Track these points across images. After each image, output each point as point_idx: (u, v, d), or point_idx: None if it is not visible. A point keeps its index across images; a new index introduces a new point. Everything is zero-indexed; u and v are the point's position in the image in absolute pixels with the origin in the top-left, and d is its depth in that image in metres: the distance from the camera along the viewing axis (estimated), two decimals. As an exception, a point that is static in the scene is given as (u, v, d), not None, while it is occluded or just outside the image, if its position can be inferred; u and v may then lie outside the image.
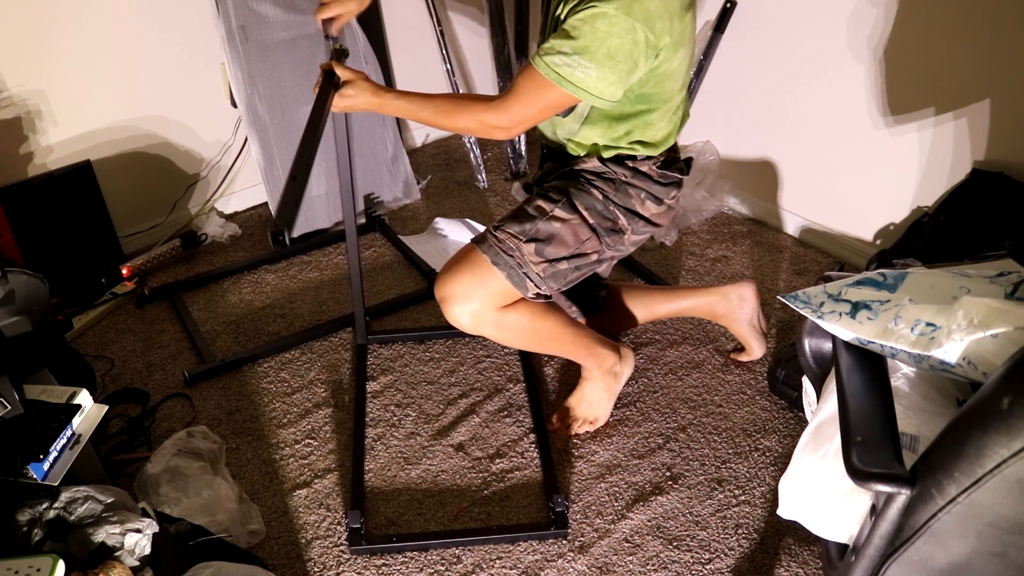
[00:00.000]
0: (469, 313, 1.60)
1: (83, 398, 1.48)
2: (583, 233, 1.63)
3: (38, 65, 2.23)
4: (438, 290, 1.63)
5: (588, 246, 1.64)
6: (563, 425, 1.86)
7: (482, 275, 1.59)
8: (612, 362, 1.83)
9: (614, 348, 1.85)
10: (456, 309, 1.61)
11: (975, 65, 1.88)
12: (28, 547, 1.27)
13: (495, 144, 3.10)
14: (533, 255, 1.60)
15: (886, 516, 1.00)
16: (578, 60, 1.39)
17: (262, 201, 2.75)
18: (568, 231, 1.62)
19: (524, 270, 1.59)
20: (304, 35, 2.41)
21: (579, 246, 1.63)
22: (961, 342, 1.01)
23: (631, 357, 1.90)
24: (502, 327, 1.64)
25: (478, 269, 1.60)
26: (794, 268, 2.36)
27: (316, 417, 1.96)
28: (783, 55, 2.28)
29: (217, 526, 1.56)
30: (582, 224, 1.63)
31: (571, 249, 1.62)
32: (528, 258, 1.59)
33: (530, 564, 1.61)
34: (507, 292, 1.61)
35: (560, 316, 1.74)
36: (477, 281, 1.59)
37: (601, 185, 1.64)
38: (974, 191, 1.91)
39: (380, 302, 2.31)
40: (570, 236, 1.62)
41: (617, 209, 1.65)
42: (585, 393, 1.86)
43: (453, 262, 1.64)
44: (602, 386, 1.84)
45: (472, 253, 1.62)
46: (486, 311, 1.61)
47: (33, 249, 2.27)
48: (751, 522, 1.67)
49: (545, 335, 1.72)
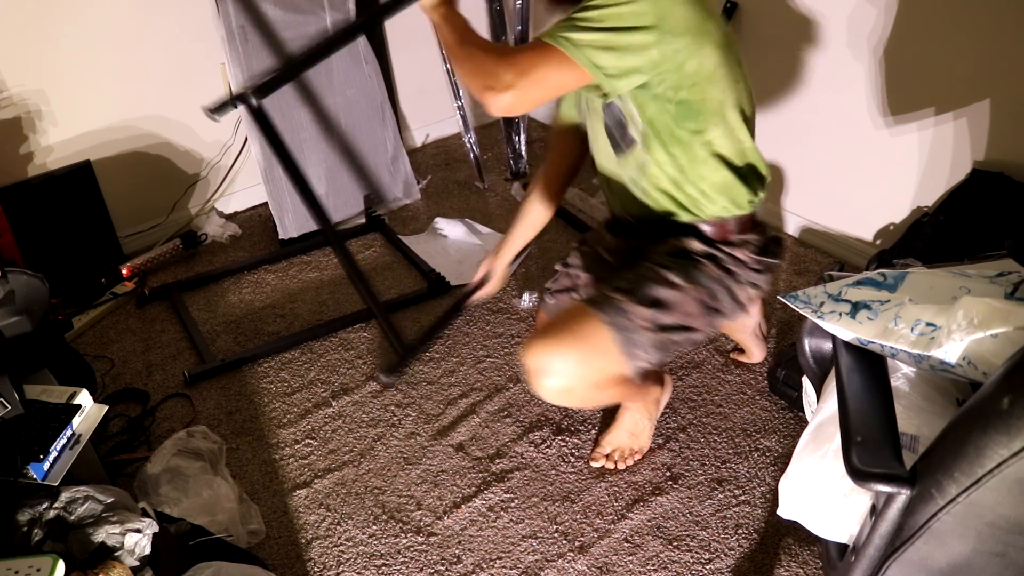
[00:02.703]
0: (562, 391, 1.48)
1: (83, 398, 1.48)
2: (692, 307, 1.50)
3: (38, 65, 2.23)
4: (532, 359, 1.47)
5: (695, 321, 1.51)
6: (610, 461, 1.80)
7: (589, 347, 1.45)
8: (657, 393, 1.80)
9: (658, 379, 1.80)
10: (550, 383, 1.47)
11: (975, 65, 1.88)
12: (28, 547, 1.27)
13: (495, 144, 3.10)
14: (648, 320, 1.46)
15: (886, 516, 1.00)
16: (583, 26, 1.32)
17: (262, 201, 2.75)
18: (682, 300, 1.49)
19: (636, 335, 1.45)
20: (304, 35, 2.41)
21: (688, 319, 1.50)
22: (961, 342, 1.01)
23: (670, 383, 1.87)
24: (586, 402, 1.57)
25: (586, 337, 1.45)
26: (794, 268, 2.36)
27: (316, 417, 1.96)
28: (783, 55, 2.28)
29: (217, 526, 1.56)
30: (696, 297, 1.51)
31: (681, 320, 1.49)
32: (642, 323, 1.45)
33: (530, 564, 1.61)
34: (610, 368, 1.47)
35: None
36: (583, 356, 1.44)
37: (711, 265, 1.53)
38: (974, 191, 1.91)
39: (380, 302, 2.30)
40: (682, 306, 1.49)
41: (725, 292, 1.54)
42: (626, 423, 1.78)
43: (553, 327, 1.49)
44: (644, 415, 1.79)
45: (580, 315, 1.47)
46: (582, 389, 1.49)
47: (33, 249, 2.28)
48: (751, 522, 1.67)
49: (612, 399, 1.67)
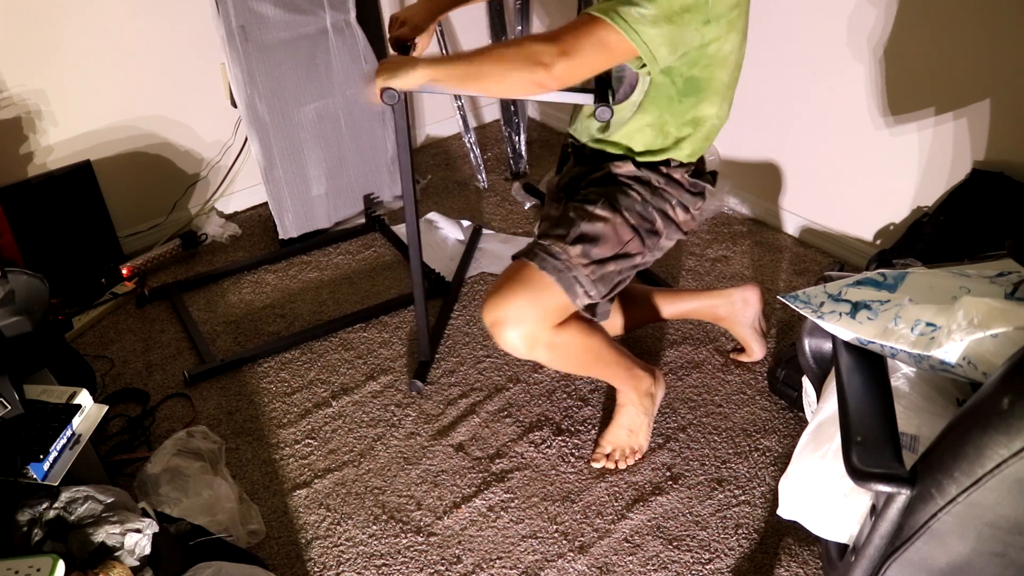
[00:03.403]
0: (523, 336, 1.53)
1: (83, 398, 1.48)
2: (625, 233, 1.58)
3: (38, 65, 2.23)
4: (488, 315, 1.55)
5: (632, 246, 1.59)
6: (610, 461, 1.81)
7: (532, 290, 1.53)
8: (649, 383, 1.80)
9: (649, 370, 1.82)
10: (509, 333, 1.53)
11: (975, 65, 1.88)
12: (28, 547, 1.27)
13: (495, 144, 3.10)
14: (580, 257, 1.54)
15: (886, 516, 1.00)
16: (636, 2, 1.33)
17: (262, 201, 2.75)
18: (611, 230, 1.57)
19: (573, 273, 1.53)
20: (304, 35, 2.41)
21: (623, 246, 1.58)
22: (961, 342, 1.01)
23: (663, 378, 1.87)
24: (556, 348, 1.59)
25: (528, 283, 1.53)
26: (794, 268, 2.36)
27: (316, 417, 1.96)
28: (783, 55, 2.28)
29: (217, 526, 1.56)
30: (624, 224, 1.58)
31: (616, 248, 1.57)
32: (576, 260, 1.54)
33: (530, 564, 1.61)
34: (559, 306, 1.54)
35: (605, 335, 1.70)
36: (528, 298, 1.52)
37: (639, 188, 1.60)
38: (974, 191, 1.91)
39: (380, 302, 2.31)
40: (613, 235, 1.57)
41: (655, 211, 1.61)
42: (623, 420, 1.80)
43: (500, 283, 1.57)
44: (640, 410, 1.80)
45: (519, 268, 1.56)
46: (540, 331, 1.54)
47: (33, 249, 2.27)
48: (751, 522, 1.67)
49: (594, 355, 1.68)
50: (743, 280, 2.32)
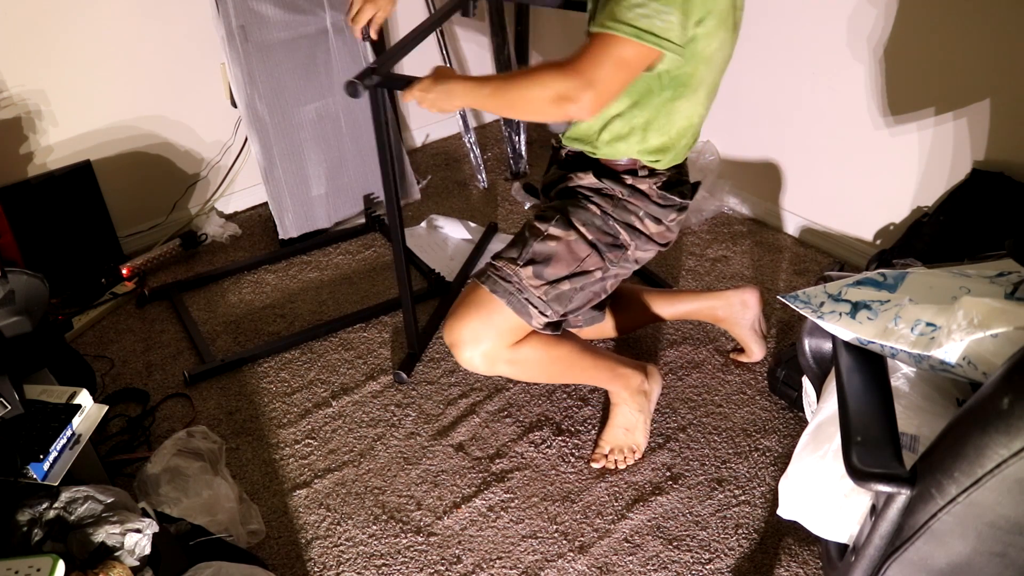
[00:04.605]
0: (481, 355, 1.55)
1: (83, 398, 1.48)
2: (581, 250, 1.57)
3: (38, 65, 2.23)
4: (446, 336, 1.58)
5: (589, 263, 1.58)
6: (610, 461, 1.80)
7: (486, 311, 1.54)
8: (639, 381, 1.79)
9: (639, 367, 1.81)
10: (467, 353, 1.55)
11: (975, 65, 1.88)
12: (28, 547, 1.27)
13: (495, 144, 3.10)
14: (532, 278, 1.54)
15: (886, 516, 1.00)
16: (655, 8, 1.30)
17: (262, 201, 2.75)
18: (564, 248, 1.56)
19: (525, 295, 1.54)
20: (304, 35, 2.41)
21: (579, 264, 1.57)
22: (961, 342, 1.01)
23: (658, 374, 1.86)
24: (517, 364, 1.59)
25: (481, 305, 1.55)
26: (794, 268, 2.36)
27: (316, 417, 1.96)
28: (783, 55, 2.28)
29: (217, 526, 1.56)
30: (580, 240, 1.57)
31: (571, 268, 1.56)
32: (527, 282, 1.54)
33: (530, 564, 1.61)
34: (515, 326, 1.55)
35: (574, 342, 1.69)
36: (482, 319, 1.54)
37: (599, 201, 1.59)
38: (974, 191, 1.91)
39: (380, 302, 2.31)
40: (567, 254, 1.56)
41: (617, 224, 1.59)
42: (618, 419, 1.79)
43: (456, 305, 1.59)
44: (634, 407, 1.78)
45: (473, 290, 1.58)
46: (498, 350, 1.55)
47: (33, 249, 2.27)
48: (751, 522, 1.67)
49: (564, 364, 1.67)
50: (743, 280, 2.33)
